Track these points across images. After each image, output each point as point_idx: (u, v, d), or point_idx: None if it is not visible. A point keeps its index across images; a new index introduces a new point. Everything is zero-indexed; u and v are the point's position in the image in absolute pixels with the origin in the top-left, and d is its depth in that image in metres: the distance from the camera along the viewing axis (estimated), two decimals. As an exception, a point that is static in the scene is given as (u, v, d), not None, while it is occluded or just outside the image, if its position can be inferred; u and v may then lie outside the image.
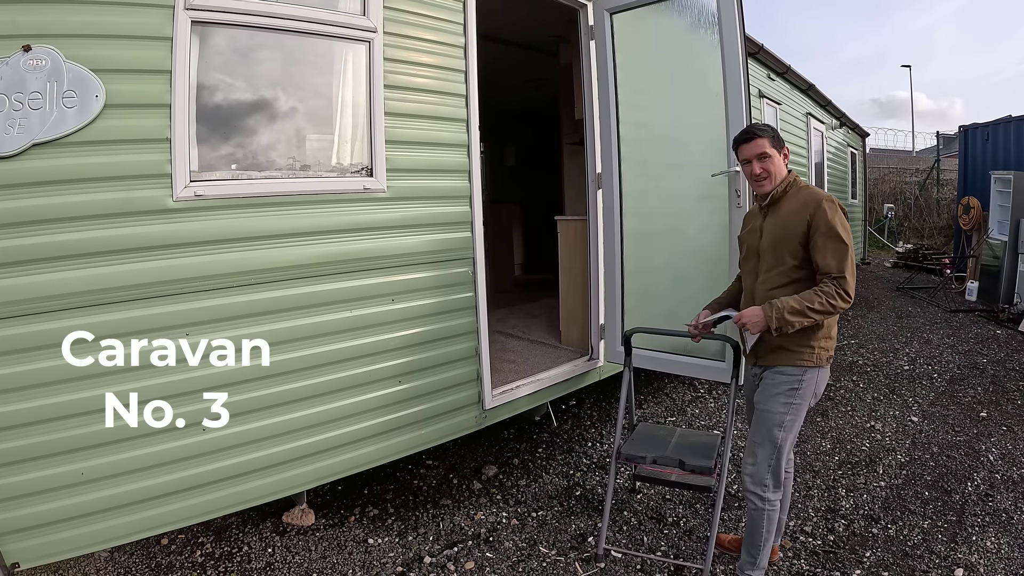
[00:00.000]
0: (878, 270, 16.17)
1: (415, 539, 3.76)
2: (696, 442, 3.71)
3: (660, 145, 4.72)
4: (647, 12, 4.65)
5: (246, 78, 3.25)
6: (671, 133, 4.72)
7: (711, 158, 4.24)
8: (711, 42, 4.17)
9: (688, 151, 4.60)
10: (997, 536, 3.69)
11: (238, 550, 3.67)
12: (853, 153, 15.02)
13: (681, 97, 4.62)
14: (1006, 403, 5.97)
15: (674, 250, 4.72)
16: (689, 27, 4.40)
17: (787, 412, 3.00)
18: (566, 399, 5.82)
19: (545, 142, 9.97)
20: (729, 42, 4.05)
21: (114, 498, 2.87)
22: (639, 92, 4.75)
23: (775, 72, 9.38)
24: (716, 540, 3.43)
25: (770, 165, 3.07)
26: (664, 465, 3.48)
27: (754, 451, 3.07)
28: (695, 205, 4.56)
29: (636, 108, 4.78)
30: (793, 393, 3.00)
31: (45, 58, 2.59)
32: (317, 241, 3.38)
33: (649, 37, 4.74)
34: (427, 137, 3.83)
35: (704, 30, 4.25)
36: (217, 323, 3.08)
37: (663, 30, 4.66)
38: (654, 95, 4.73)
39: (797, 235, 2.95)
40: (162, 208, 2.90)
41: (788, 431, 3.01)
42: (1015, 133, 12.30)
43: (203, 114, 3.05)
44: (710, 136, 4.18)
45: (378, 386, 3.64)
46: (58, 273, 2.68)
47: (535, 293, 8.52)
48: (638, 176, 4.79)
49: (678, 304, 4.32)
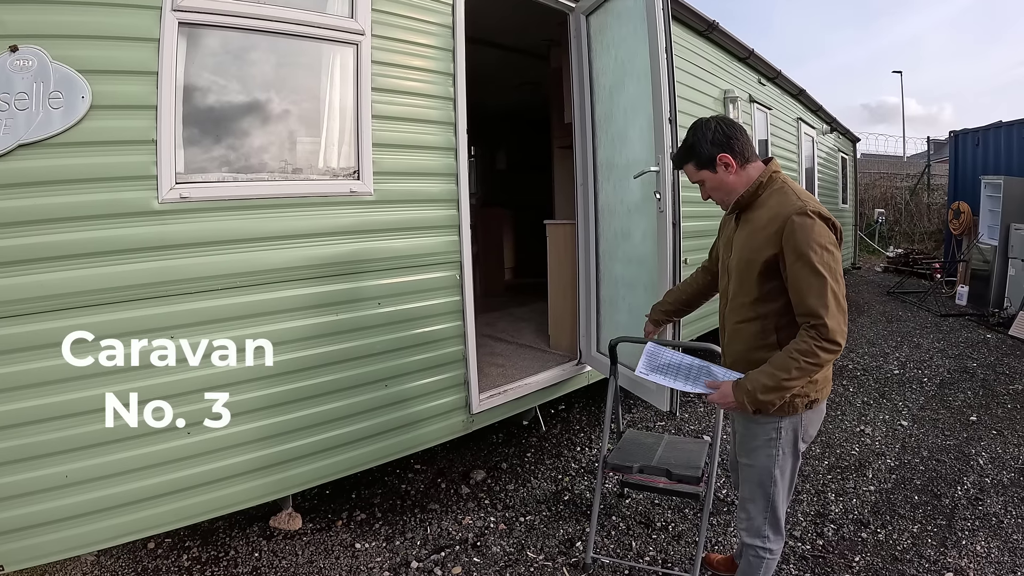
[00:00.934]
0: (868, 275, 16.22)
1: (403, 544, 3.73)
2: (683, 449, 3.69)
3: (618, 146, 4.60)
4: (609, 13, 4.59)
5: (233, 80, 3.23)
6: (624, 133, 4.54)
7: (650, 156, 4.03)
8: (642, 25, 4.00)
9: (634, 150, 4.36)
10: (987, 540, 3.69)
11: (225, 554, 3.63)
12: (844, 158, 15.10)
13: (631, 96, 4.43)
14: (996, 407, 5.98)
15: (625, 257, 4.60)
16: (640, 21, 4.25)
17: (772, 465, 2.56)
18: (555, 403, 5.79)
19: (536, 145, 9.98)
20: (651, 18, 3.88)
21: (100, 501, 2.85)
22: (609, 94, 4.71)
23: (765, 77, 9.39)
24: (707, 560, 3.40)
25: (710, 187, 2.63)
26: (651, 475, 3.45)
27: (746, 507, 2.68)
28: (640, 208, 4.29)
29: (606, 111, 4.77)
30: (774, 444, 2.54)
31: (32, 58, 2.58)
32: (303, 244, 3.37)
33: (614, 37, 4.63)
34: (414, 140, 3.83)
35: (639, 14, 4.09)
36: (202, 326, 3.06)
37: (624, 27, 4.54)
38: (616, 96, 4.65)
39: (761, 260, 2.42)
40: (148, 210, 2.89)
41: (779, 484, 2.58)
42: (1005, 139, 12.36)
43: (189, 116, 3.04)
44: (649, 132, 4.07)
45: (364, 390, 3.63)
46: (43, 275, 2.67)
47: (525, 297, 8.51)
48: (605, 180, 4.78)
49: (629, 315, 4.39)
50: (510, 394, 4.55)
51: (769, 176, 2.53)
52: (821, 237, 2.30)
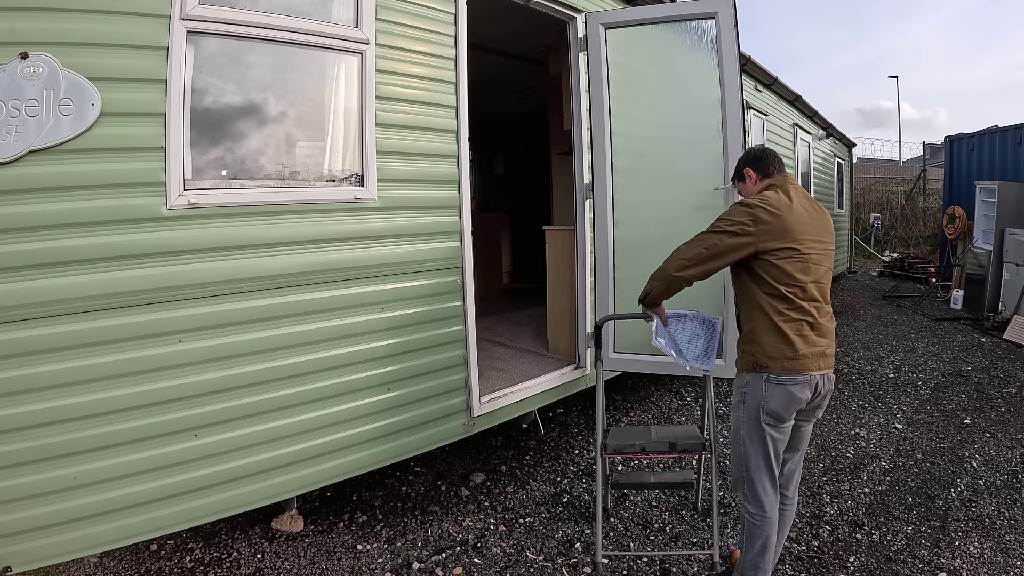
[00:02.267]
0: (864, 279, 16.24)
1: (403, 545, 3.77)
2: (677, 430, 3.77)
3: (654, 157, 4.82)
4: (642, 30, 4.76)
5: (240, 88, 3.27)
6: (665, 145, 4.82)
7: (706, 171, 4.39)
8: (704, 58, 4.29)
9: (682, 163, 4.71)
10: (980, 541, 3.74)
11: (227, 556, 3.67)
12: (840, 163, 15.16)
13: (674, 111, 4.70)
14: (990, 410, 6.03)
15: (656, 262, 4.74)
16: (681, 43, 4.52)
17: (740, 425, 2.98)
18: (553, 407, 5.84)
19: (534, 151, 10.02)
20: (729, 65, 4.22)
21: (105, 503, 2.88)
22: (632, 105, 4.83)
23: (762, 84, 9.46)
24: (732, 557, 3.50)
25: (742, 195, 3.18)
26: (654, 451, 3.52)
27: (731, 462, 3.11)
28: (690, 216, 4.58)
29: (629, 120, 4.88)
30: (740, 406, 2.97)
31: (42, 66, 2.62)
32: (308, 250, 3.41)
33: (643, 52, 4.87)
34: (417, 148, 3.87)
35: (696, 46, 4.37)
36: (209, 330, 3.10)
37: (657, 46, 4.76)
38: (648, 108, 4.82)
39: None
40: (156, 216, 2.92)
41: (747, 447, 2.95)
42: (1000, 143, 12.41)
43: (197, 123, 3.07)
44: (705, 150, 4.26)
45: (367, 393, 3.67)
46: (53, 279, 2.70)
47: (523, 301, 8.55)
48: (631, 187, 4.88)
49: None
50: (510, 397, 4.59)
51: (766, 186, 3.04)
52: (726, 216, 2.92)
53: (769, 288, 2.82)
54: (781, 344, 2.80)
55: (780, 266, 2.79)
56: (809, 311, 2.81)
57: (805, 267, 2.81)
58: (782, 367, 2.79)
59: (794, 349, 2.78)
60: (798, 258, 2.79)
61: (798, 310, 2.80)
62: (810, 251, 2.82)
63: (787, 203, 2.86)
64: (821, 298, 2.88)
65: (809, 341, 2.81)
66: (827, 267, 2.94)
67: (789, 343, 2.79)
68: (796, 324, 2.80)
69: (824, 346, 2.86)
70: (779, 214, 2.81)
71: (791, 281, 2.79)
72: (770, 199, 2.88)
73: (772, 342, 2.81)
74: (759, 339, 2.84)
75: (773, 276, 2.81)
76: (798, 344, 2.79)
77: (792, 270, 2.79)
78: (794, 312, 2.80)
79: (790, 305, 2.80)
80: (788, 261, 2.79)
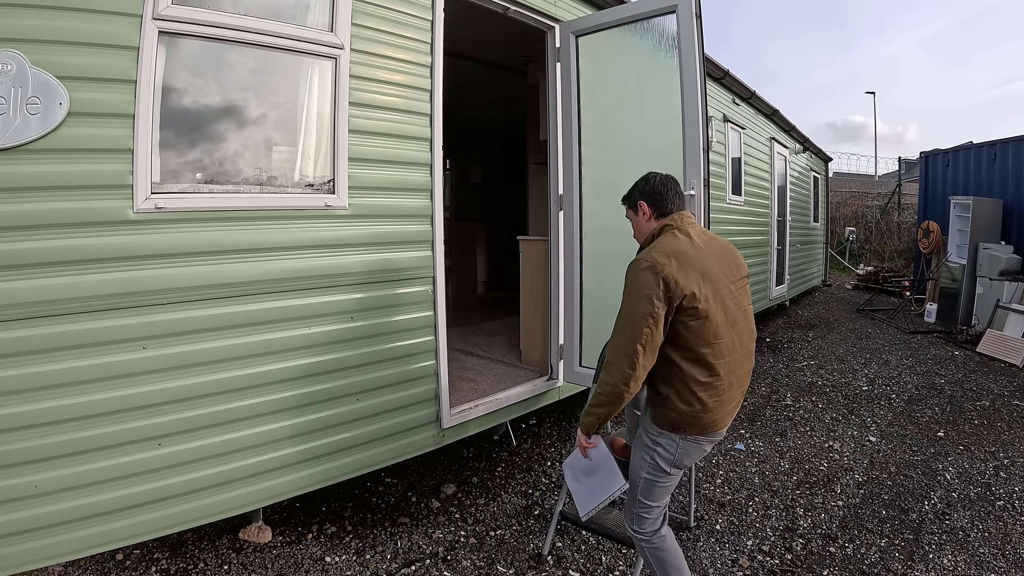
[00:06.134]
0: (839, 292, 16.36)
1: (372, 557, 3.71)
2: None
3: (622, 166, 4.73)
4: (611, 35, 4.71)
5: (211, 91, 3.22)
6: (633, 154, 4.73)
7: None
8: (672, 64, 4.22)
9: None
10: (954, 554, 3.73)
11: (194, 567, 3.59)
12: (816, 177, 15.27)
13: (644, 118, 4.66)
14: (963, 423, 6.05)
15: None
16: (651, 50, 4.46)
17: (642, 469, 2.76)
18: (526, 418, 5.81)
19: (512, 161, 10.02)
20: (688, 66, 4.11)
21: (68, 512, 2.82)
22: (603, 113, 4.80)
23: (740, 97, 9.50)
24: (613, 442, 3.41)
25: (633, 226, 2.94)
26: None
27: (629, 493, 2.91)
28: None
29: (599, 129, 4.84)
30: (648, 450, 2.72)
31: (11, 63, 2.56)
32: (277, 257, 3.36)
33: (613, 60, 4.81)
34: (390, 155, 3.84)
35: (665, 52, 4.31)
36: (174, 337, 3.04)
37: (628, 53, 4.72)
38: (618, 116, 4.78)
39: None
40: (123, 219, 2.87)
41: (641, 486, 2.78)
42: (975, 160, 12.55)
43: (167, 126, 3.02)
44: (674, 158, 4.20)
45: (335, 403, 3.62)
46: (12, 282, 2.63)
47: (497, 311, 8.55)
48: (599, 197, 4.83)
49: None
50: (481, 409, 4.55)
51: (662, 227, 2.74)
52: (637, 287, 2.52)
53: (688, 353, 2.54)
54: (699, 413, 2.58)
55: (695, 328, 2.51)
56: (728, 369, 2.60)
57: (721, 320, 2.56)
58: (699, 431, 2.62)
59: (711, 415, 2.59)
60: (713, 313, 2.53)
61: (716, 375, 2.56)
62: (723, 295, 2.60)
63: (688, 248, 2.60)
64: (740, 347, 2.66)
65: (725, 399, 2.63)
66: (746, 305, 2.74)
67: (707, 410, 2.58)
68: (714, 391, 2.57)
69: (739, 396, 2.73)
70: (684, 271, 2.51)
71: (712, 340, 2.54)
72: (669, 251, 2.57)
73: (689, 412, 2.57)
74: (676, 408, 2.58)
75: (689, 340, 2.53)
76: (714, 409, 2.59)
77: (708, 331, 2.52)
78: (713, 379, 2.56)
79: (709, 371, 2.55)
80: (703, 322, 2.51)
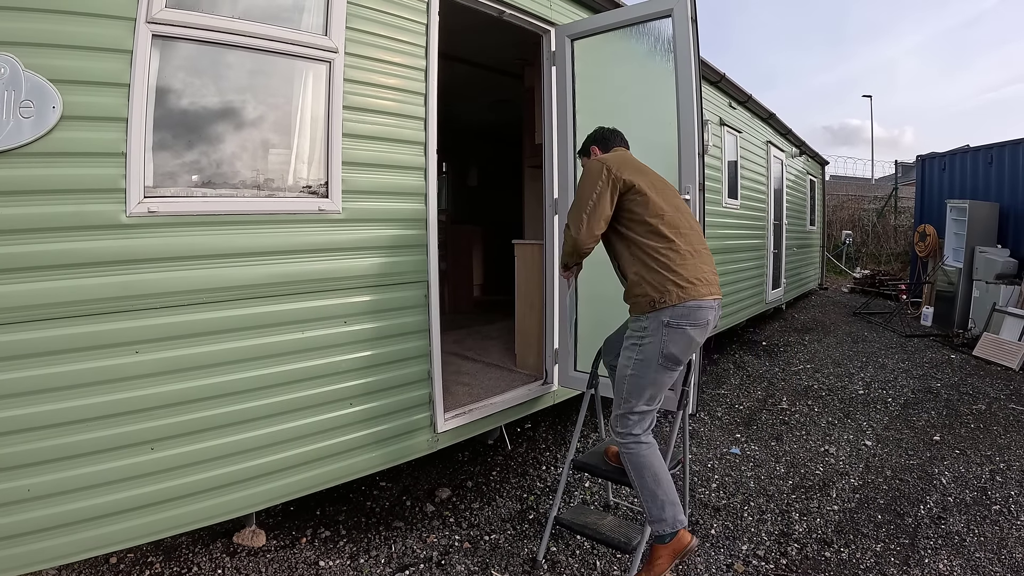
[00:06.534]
0: (835, 295, 16.39)
1: (367, 562, 3.70)
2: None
3: None
4: (607, 39, 4.71)
5: (205, 95, 3.20)
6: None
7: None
8: (668, 68, 4.22)
9: None
10: (950, 559, 3.72)
11: (187, 571, 3.57)
12: (812, 180, 15.29)
13: (639, 122, 4.63)
14: (959, 427, 6.05)
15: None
16: (647, 53, 4.46)
17: (627, 367, 3.18)
18: (521, 422, 5.79)
19: (508, 164, 10.00)
20: (683, 69, 4.12)
21: (61, 515, 2.80)
22: (598, 117, 4.78)
23: (736, 101, 9.50)
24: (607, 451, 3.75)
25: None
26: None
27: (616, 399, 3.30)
28: None
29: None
30: (633, 347, 3.17)
31: (4, 66, 2.54)
32: (270, 261, 3.35)
33: (609, 64, 4.81)
34: (384, 159, 3.82)
35: (661, 56, 4.31)
36: (167, 341, 3.03)
37: (623, 57, 4.72)
38: (613, 120, 4.75)
39: None
40: (115, 223, 2.85)
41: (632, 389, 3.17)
42: (971, 163, 12.58)
43: (160, 129, 3.01)
44: (665, 161, 4.19)
45: (329, 408, 3.60)
46: (6, 286, 2.62)
47: (493, 315, 8.54)
48: None
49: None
50: (475, 413, 4.53)
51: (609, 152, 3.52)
52: (588, 174, 3.20)
53: (642, 227, 3.13)
54: (668, 277, 3.04)
55: (640, 202, 3.13)
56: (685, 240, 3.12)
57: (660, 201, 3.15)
58: (676, 300, 3.01)
59: (680, 278, 3.04)
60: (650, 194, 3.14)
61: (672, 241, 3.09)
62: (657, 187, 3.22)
63: (628, 157, 3.42)
64: (687, 224, 3.18)
65: (691, 265, 3.08)
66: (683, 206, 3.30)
67: (674, 273, 3.04)
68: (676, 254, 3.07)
69: (708, 273, 3.14)
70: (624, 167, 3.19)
71: (658, 212, 3.11)
72: (614, 156, 3.34)
73: (658, 281, 3.06)
74: (647, 281, 3.08)
75: (639, 212, 3.13)
76: (680, 270, 3.05)
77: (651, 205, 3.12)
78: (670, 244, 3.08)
79: (664, 239, 3.09)
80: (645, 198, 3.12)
